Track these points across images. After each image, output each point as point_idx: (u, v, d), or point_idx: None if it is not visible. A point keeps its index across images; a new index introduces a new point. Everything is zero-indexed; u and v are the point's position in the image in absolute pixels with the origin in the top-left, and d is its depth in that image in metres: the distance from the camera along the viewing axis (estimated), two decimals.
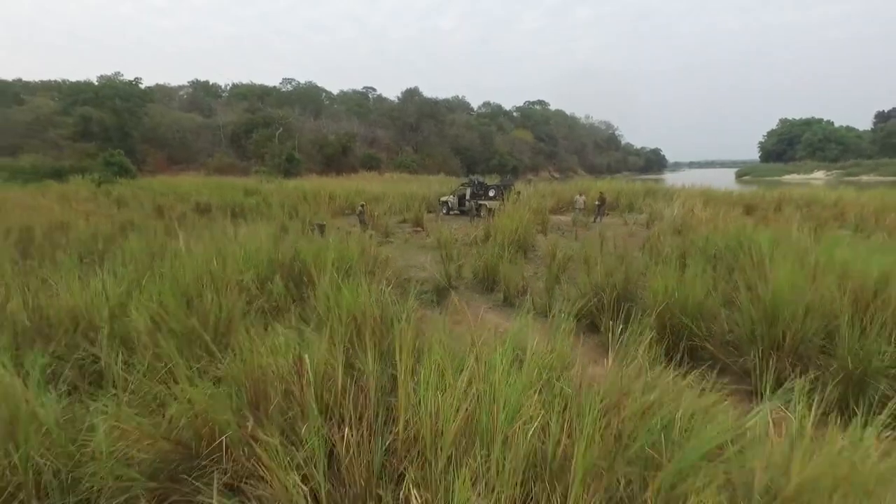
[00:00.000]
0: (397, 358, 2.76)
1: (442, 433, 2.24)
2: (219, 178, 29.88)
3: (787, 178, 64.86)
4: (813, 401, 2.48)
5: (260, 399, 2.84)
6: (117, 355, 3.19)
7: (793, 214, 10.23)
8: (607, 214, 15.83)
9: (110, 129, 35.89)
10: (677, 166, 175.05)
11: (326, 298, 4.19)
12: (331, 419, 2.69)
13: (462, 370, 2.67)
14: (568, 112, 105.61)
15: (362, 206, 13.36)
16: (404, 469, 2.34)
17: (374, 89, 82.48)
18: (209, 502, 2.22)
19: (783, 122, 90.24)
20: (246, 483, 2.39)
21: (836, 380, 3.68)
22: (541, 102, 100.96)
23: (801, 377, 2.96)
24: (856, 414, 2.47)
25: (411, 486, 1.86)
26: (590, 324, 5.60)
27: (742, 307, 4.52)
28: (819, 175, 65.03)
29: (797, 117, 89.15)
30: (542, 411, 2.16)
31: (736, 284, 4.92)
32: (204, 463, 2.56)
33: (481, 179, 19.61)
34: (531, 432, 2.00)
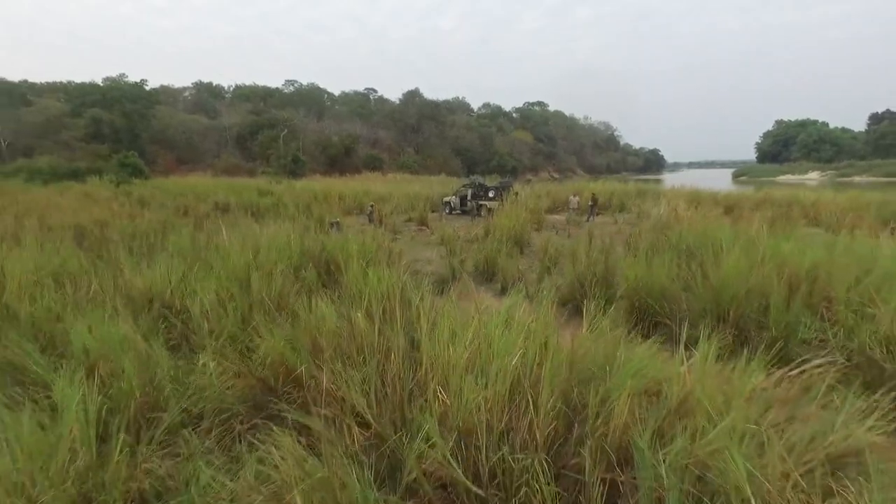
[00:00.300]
0: (420, 322, 3.72)
1: (454, 369, 3.20)
2: (227, 178, 30.84)
3: (782, 178, 65.77)
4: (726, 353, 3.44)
5: (317, 351, 3.81)
6: (205, 321, 4.15)
7: (765, 214, 11.18)
8: (600, 214, 16.81)
9: (120, 130, 36.86)
10: (676, 166, 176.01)
11: (356, 282, 5.15)
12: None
13: (467, 329, 3.63)
14: (567, 113, 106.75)
15: (371, 206, 14.34)
16: (426, 400, 3.29)
17: (375, 90, 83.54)
18: (289, 416, 3.17)
19: (779, 123, 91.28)
20: (314, 406, 3.34)
21: (764, 345, 4.64)
22: (540, 103, 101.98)
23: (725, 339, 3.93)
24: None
25: (437, 386, 2.82)
26: (574, 307, 6.55)
27: (696, 290, 5.48)
28: (813, 176, 65.96)
29: (793, 118, 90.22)
30: (523, 349, 3.12)
31: (695, 272, 5.87)
32: (281, 393, 3.52)
33: (482, 181, 20.59)
34: (516, 359, 2.96)
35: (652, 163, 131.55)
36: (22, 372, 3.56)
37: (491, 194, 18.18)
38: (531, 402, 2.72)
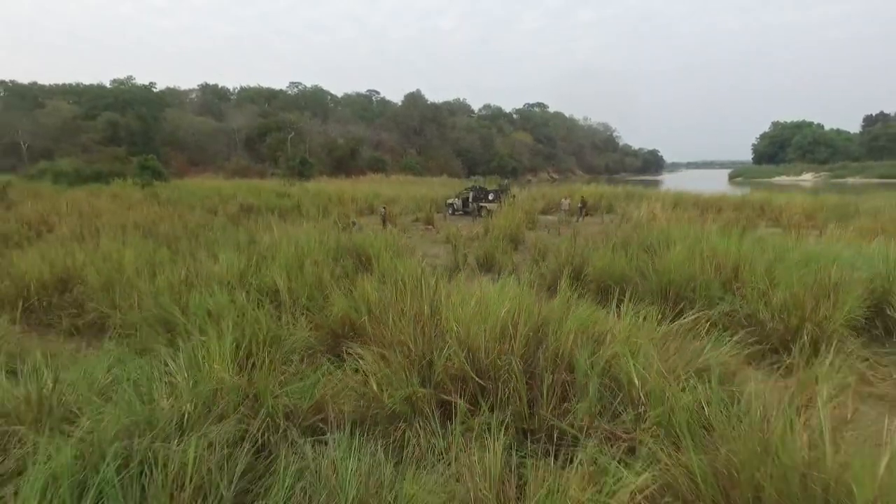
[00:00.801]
0: (438, 293, 5.38)
1: (463, 319, 4.85)
2: (240, 180, 32.46)
3: (777, 179, 67.34)
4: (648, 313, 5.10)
5: (369, 312, 5.46)
6: (288, 293, 5.81)
7: (729, 216, 12.83)
8: (589, 215, 18.46)
9: (135, 133, 38.49)
10: (675, 167, 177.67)
11: (387, 267, 6.81)
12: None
13: (472, 297, 5.27)
14: (567, 114, 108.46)
15: (384, 208, 16.01)
16: (445, 345, 4.94)
17: (377, 92, 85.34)
18: (351, 349, 4.82)
19: (775, 124, 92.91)
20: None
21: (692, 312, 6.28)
22: (540, 105, 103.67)
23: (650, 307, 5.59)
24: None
25: (454, 324, 4.48)
26: (555, 290, 8.20)
27: (647, 275, 7.14)
28: (807, 177, 67.54)
29: (792, 119, 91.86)
30: (509, 307, 4.77)
31: (647, 262, 7.52)
32: (347, 338, 5.17)
33: (482, 184, 22.30)
34: (504, 311, 4.61)
35: (650, 163, 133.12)
36: (169, 324, 5.21)
37: (490, 197, 19.87)
38: (512, 334, 4.38)
